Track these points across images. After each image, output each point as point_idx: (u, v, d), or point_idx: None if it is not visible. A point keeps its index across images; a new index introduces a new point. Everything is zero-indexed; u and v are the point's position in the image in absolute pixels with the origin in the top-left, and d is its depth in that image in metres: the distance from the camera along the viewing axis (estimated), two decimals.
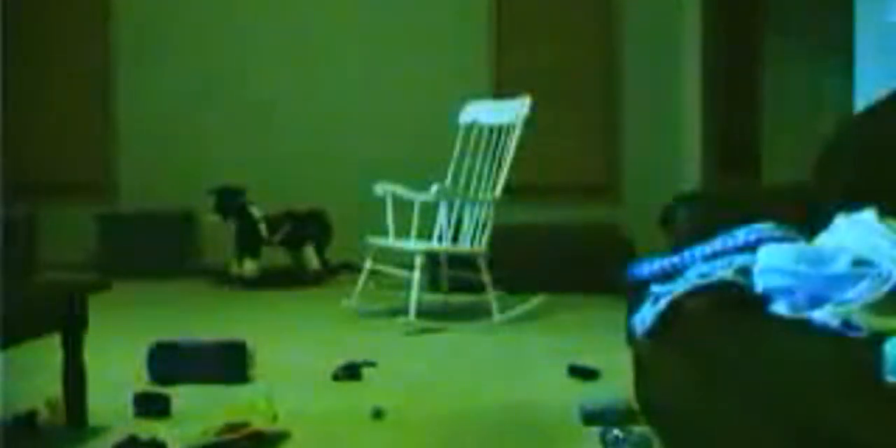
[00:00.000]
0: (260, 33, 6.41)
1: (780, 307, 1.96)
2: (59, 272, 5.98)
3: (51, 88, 6.43)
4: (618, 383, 3.05)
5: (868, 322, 1.76)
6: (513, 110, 4.59)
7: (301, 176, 6.36)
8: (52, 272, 5.97)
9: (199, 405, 2.83)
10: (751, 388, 1.59)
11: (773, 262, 2.00)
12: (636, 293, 2.38)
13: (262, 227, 5.62)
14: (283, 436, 2.52)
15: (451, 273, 4.89)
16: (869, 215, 2.14)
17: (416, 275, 4.17)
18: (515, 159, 4.59)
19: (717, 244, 2.28)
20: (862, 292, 1.85)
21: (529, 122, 4.65)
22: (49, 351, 2.76)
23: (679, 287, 2.18)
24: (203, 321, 4.40)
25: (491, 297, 4.42)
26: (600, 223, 6.05)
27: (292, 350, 3.72)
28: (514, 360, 3.56)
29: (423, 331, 4.13)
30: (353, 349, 3.69)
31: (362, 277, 4.52)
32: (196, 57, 6.42)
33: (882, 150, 2.38)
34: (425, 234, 4.79)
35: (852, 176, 2.44)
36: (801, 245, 2.14)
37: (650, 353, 2.37)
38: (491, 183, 4.58)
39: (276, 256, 5.82)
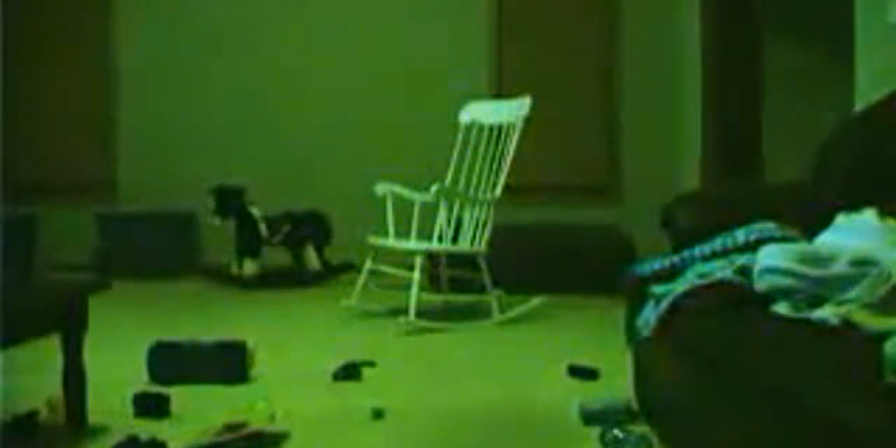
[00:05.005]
0: (260, 34, 6.41)
1: (780, 307, 1.96)
2: (59, 272, 5.98)
3: (51, 88, 6.43)
4: (618, 383, 3.05)
5: (868, 322, 1.76)
6: (513, 110, 4.59)
7: (301, 176, 6.36)
8: (53, 272, 5.97)
9: (199, 405, 2.83)
10: (751, 388, 1.59)
11: (773, 262, 2.00)
12: (636, 293, 2.38)
13: (262, 227, 5.61)
14: (282, 436, 2.52)
15: (451, 273, 4.89)
16: (869, 215, 2.14)
17: (416, 275, 4.17)
18: (515, 159, 4.59)
19: (717, 244, 2.29)
20: (862, 292, 1.85)
21: (529, 122, 4.65)
22: (49, 351, 2.76)
23: (679, 287, 2.18)
24: (203, 321, 4.40)
25: (491, 297, 4.43)
26: (600, 223, 6.05)
27: (292, 350, 3.72)
28: (514, 359, 3.56)
29: (423, 331, 4.14)
30: (353, 349, 3.69)
31: (362, 277, 4.52)
32: (197, 58, 6.41)
33: (882, 150, 2.38)
34: (425, 234, 4.79)
35: (852, 176, 2.44)
36: (801, 245, 2.14)
37: (650, 353, 2.37)
38: (491, 183, 4.58)
39: (276, 256, 5.82)
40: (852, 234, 2.10)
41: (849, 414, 1.28)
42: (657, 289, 2.26)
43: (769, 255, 2.03)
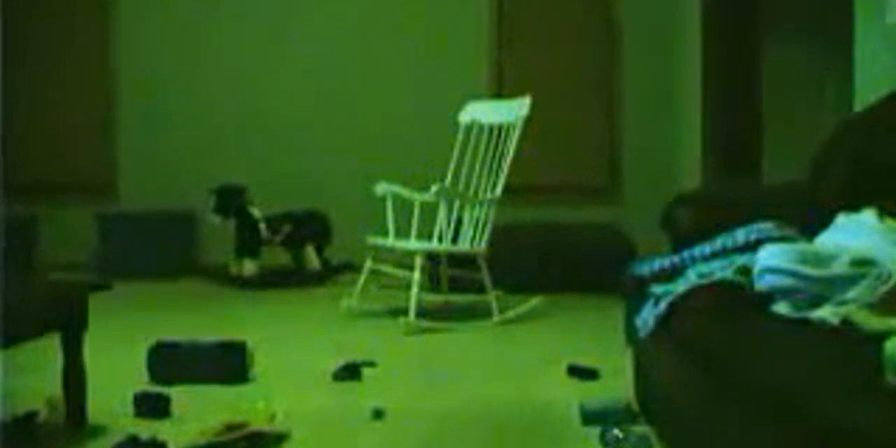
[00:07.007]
0: (261, 35, 6.41)
1: (780, 307, 1.96)
2: (59, 272, 5.98)
3: (51, 88, 6.43)
4: (618, 383, 3.05)
5: (868, 322, 1.76)
6: (512, 110, 4.59)
7: (301, 176, 6.36)
8: (53, 272, 5.97)
9: (199, 405, 2.83)
10: (751, 388, 1.59)
11: (773, 262, 2.00)
12: (636, 293, 2.38)
13: (262, 227, 5.61)
14: (282, 436, 2.52)
15: (451, 273, 4.89)
16: (869, 215, 2.14)
17: (416, 275, 4.17)
18: (515, 159, 4.59)
19: (717, 244, 2.29)
20: (862, 292, 1.85)
21: (529, 122, 4.65)
22: (49, 351, 2.76)
23: (679, 287, 2.18)
24: (203, 321, 4.40)
25: (491, 297, 4.43)
26: (600, 223, 6.05)
27: (292, 350, 3.72)
28: (514, 360, 3.56)
29: (423, 331, 4.14)
30: (353, 349, 3.69)
31: (362, 277, 4.52)
32: (197, 58, 6.42)
33: (881, 150, 2.38)
34: (425, 234, 4.79)
35: (852, 176, 2.44)
36: (801, 245, 2.14)
37: (650, 353, 2.37)
38: (491, 183, 4.58)
39: (276, 256, 5.82)
40: (852, 234, 2.10)
41: (849, 414, 1.28)
42: (657, 289, 2.26)
43: (769, 255, 2.03)
